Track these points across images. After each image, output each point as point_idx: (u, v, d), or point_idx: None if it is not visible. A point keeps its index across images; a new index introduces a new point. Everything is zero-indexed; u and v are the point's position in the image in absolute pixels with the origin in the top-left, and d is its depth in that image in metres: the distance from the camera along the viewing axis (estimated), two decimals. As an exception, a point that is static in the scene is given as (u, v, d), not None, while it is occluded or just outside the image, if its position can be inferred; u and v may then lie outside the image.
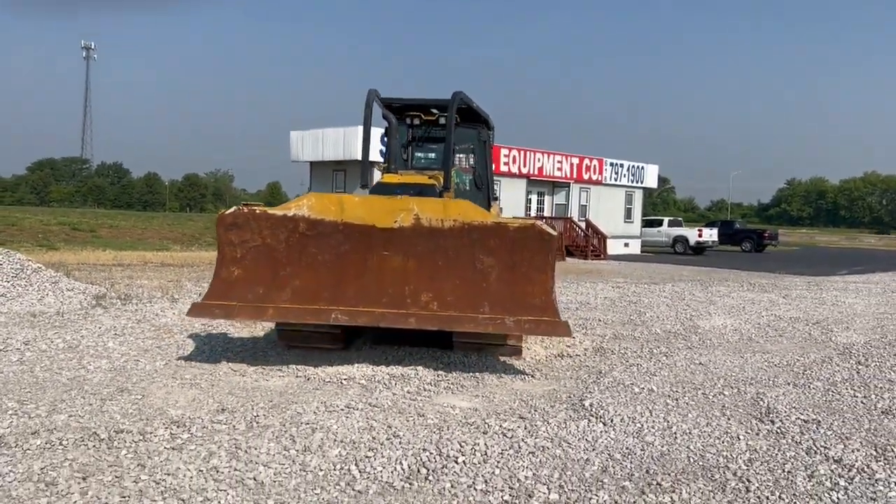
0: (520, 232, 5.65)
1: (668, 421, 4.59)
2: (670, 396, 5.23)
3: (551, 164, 28.69)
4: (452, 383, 5.46)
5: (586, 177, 30.26)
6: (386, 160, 7.91)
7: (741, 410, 4.94)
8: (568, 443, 4.12)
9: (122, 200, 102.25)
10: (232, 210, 5.88)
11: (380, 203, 5.86)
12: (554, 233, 5.77)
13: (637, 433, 4.33)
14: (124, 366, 5.71)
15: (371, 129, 6.85)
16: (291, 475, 3.54)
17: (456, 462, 3.75)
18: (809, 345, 7.70)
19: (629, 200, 32.90)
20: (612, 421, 4.54)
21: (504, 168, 26.42)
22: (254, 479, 3.47)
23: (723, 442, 4.23)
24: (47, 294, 8.70)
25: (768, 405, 5.03)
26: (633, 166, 32.76)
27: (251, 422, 4.31)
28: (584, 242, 27.57)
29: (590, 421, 4.54)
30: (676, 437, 4.28)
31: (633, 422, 4.54)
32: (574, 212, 29.58)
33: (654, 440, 4.21)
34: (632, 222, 33.16)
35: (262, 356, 6.28)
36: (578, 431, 4.32)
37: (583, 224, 28.49)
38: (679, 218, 40.10)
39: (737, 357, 6.85)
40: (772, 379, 5.94)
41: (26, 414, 4.28)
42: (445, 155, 6.80)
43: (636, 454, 3.97)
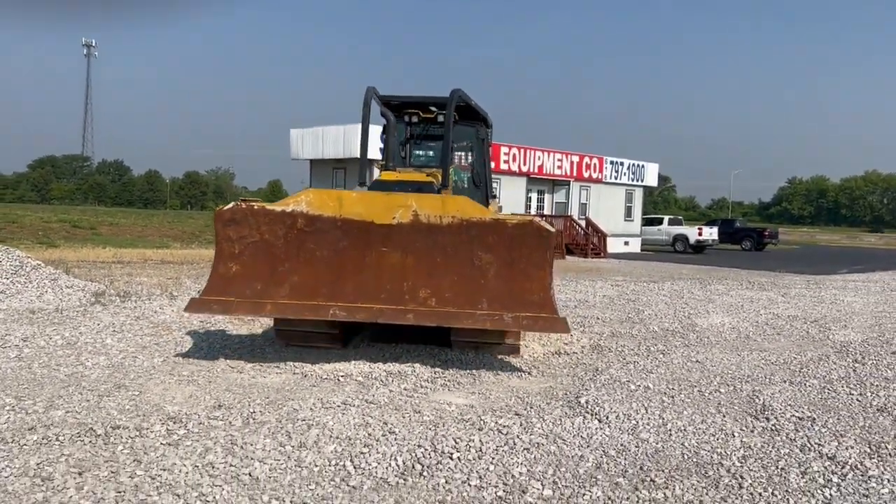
0: (518, 228, 5.65)
1: (664, 418, 4.60)
2: (666, 394, 5.24)
3: (551, 163, 28.69)
4: (449, 380, 5.48)
5: (586, 175, 30.25)
6: (384, 158, 7.91)
7: (737, 408, 4.95)
8: (563, 439, 4.13)
9: (123, 198, 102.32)
10: (230, 206, 5.87)
11: (378, 199, 5.85)
12: (552, 229, 5.77)
13: (632, 430, 4.34)
14: (122, 362, 5.73)
15: (369, 127, 6.86)
16: (286, 471, 3.56)
17: (451, 458, 3.77)
18: (807, 343, 7.71)
19: (629, 199, 32.90)
20: (608, 418, 4.55)
21: (504, 166, 26.42)
22: (249, 475, 3.48)
23: (717, 439, 4.25)
24: (46, 291, 8.71)
25: (764, 402, 5.04)
26: (634, 165, 32.76)
27: (247, 418, 4.33)
28: (584, 241, 27.58)
29: (585, 418, 4.55)
30: (671, 434, 4.29)
31: (629, 419, 4.55)
32: (574, 210, 29.58)
33: (649, 437, 4.23)
34: (632, 221, 33.16)
35: (260, 353, 6.30)
36: (573, 428, 4.33)
37: (583, 222, 28.50)
38: (679, 216, 40.09)
39: (734, 355, 6.86)
40: (768, 377, 5.95)
41: (23, 410, 4.30)
42: (444, 153, 6.80)
43: (630, 451, 3.99)
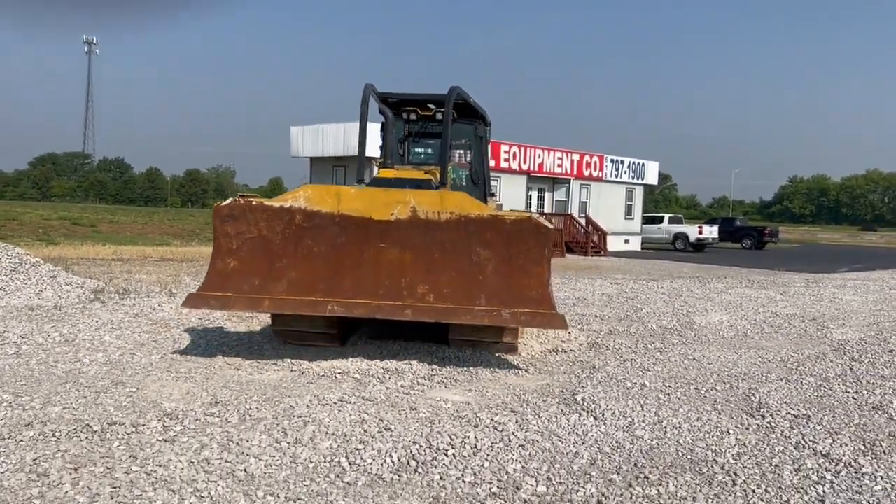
0: (516, 224, 5.65)
1: (659, 415, 4.61)
2: (662, 391, 5.25)
3: (552, 161, 28.68)
4: (446, 378, 5.49)
5: (587, 173, 30.25)
6: (383, 155, 7.92)
7: (732, 405, 4.96)
8: (558, 436, 4.14)
9: (124, 195, 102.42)
10: (228, 201, 5.87)
11: (376, 195, 5.84)
12: (550, 226, 5.78)
13: (627, 427, 4.35)
14: (120, 359, 5.74)
15: (368, 125, 6.86)
16: (282, 467, 3.57)
17: (445, 455, 3.78)
18: (804, 341, 7.72)
19: (630, 197, 32.91)
20: (603, 415, 4.56)
21: (504, 164, 26.42)
22: (244, 471, 3.49)
23: (712, 436, 4.26)
24: (45, 288, 8.73)
25: (760, 400, 5.05)
26: (634, 163, 32.75)
27: (244, 415, 4.34)
28: (584, 239, 27.60)
29: (581, 415, 4.56)
30: (666, 432, 4.30)
31: (624, 416, 4.56)
32: (574, 208, 29.58)
33: (644, 434, 4.24)
34: (632, 219, 33.17)
35: (258, 350, 6.31)
36: (569, 425, 4.34)
37: (583, 221, 28.51)
38: (680, 215, 40.15)
39: (731, 353, 6.87)
40: (765, 374, 5.95)
41: (20, 406, 4.31)
42: (442, 150, 6.80)
43: (625, 448, 4.00)
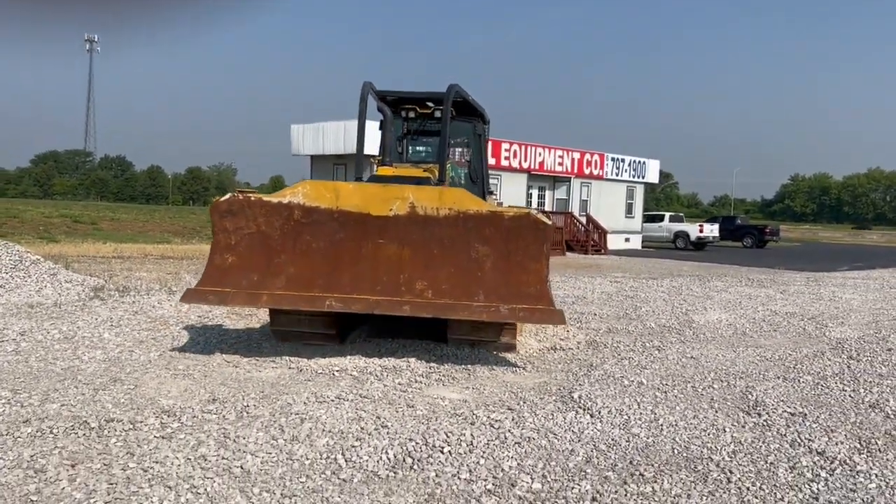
0: (515, 221, 5.66)
1: (656, 413, 4.62)
2: (659, 389, 5.26)
3: (552, 159, 28.66)
4: (444, 375, 5.50)
5: (587, 172, 30.22)
6: (381, 153, 7.92)
7: (729, 403, 4.97)
8: (554, 434, 4.15)
9: (126, 193, 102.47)
10: (227, 197, 5.87)
11: (375, 191, 5.85)
12: (549, 222, 5.79)
13: (623, 425, 4.36)
14: (119, 356, 5.76)
15: (367, 123, 6.86)
16: (278, 464, 3.58)
17: (441, 452, 3.79)
18: (803, 339, 7.73)
19: (630, 195, 32.87)
20: (600, 413, 4.57)
21: (505, 163, 26.41)
22: (241, 468, 3.51)
23: (708, 434, 4.26)
24: (45, 285, 8.75)
25: (756, 398, 5.06)
26: (635, 161, 32.72)
27: (241, 412, 4.36)
28: (585, 237, 27.59)
29: (577, 413, 4.57)
30: (662, 429, 4.31)
31: (621, 414, 4.57)
32: (575, 207, 29.56)
33: (640, 432, 4.25)
34: (633, 217, 33.13)
35: (257, 348, 6.32)
36: (565, 423, 4.35)
37: (583, 219, 28.50)
38: (680, 213, 40.11)
39: (729, 351, 6.87)
40: (762, 373, 5.96)
41: (19, 403, 4.33)
42: (441, 148, 6.80)
43: (621, 445, 4.01)
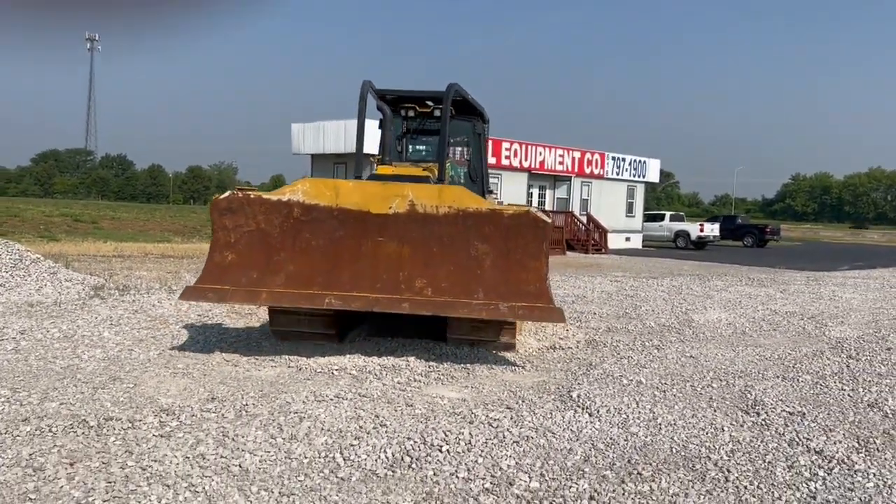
0: (514, 219, 5.66)
1: (654, 412, 4.62)
2: (658, 388, 5.26)
3: (553, 159, 28.65)
4: (443, 374, 5.50)
5: (588, 171, 30.20)
6: (381, 152, 7.93)
7: (728, 402, 4.97)
8: (552, 433, 4.15)
9: (126, 192, 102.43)
10: (226, 195, 5.87)
11: (375, 189, 5.85)
12: (548, 220, 5.79)
13: (622, 424, 4.37)
14: (118, 355, 5.77)
15: (366, 122, 6.87)
16: (276, 462, 3.59)
17: (440, 451, 3.79)
18: (802, 339, 7.72)
19: (631, 195, 32.86)
20: (599, 412, 4.57)
21: (505, 162, 26.39)
22: (239, 466, 3.51)
23: (707, 433, 4.27)
24: (45, 284, 8.75)
25: (755, 398, 5.06)
26: (635, 161, 32.70)
27: (240, 410, 4.36)
28: (585, 236, 27.58)
29: (576, 412, 4.57)
30: (661, 428, 4.31)
31: (619, 413, 4.57)
32: (575, 206, 29.55)
33: (639, 431, 4.25)
34: (633, 217, 33.12)
35: (256, 346, 6.33)
36: (564, 422, 4.36)
37: (584, 218, 28.49)
38: (681, 213, 40.11)
39: (728, 350, 6.87)
40: (761, 372, 5.96)
41: (18, 401, 4.33)
42: (440, 147, 6.81)
43: (619, 444, 4.01)
